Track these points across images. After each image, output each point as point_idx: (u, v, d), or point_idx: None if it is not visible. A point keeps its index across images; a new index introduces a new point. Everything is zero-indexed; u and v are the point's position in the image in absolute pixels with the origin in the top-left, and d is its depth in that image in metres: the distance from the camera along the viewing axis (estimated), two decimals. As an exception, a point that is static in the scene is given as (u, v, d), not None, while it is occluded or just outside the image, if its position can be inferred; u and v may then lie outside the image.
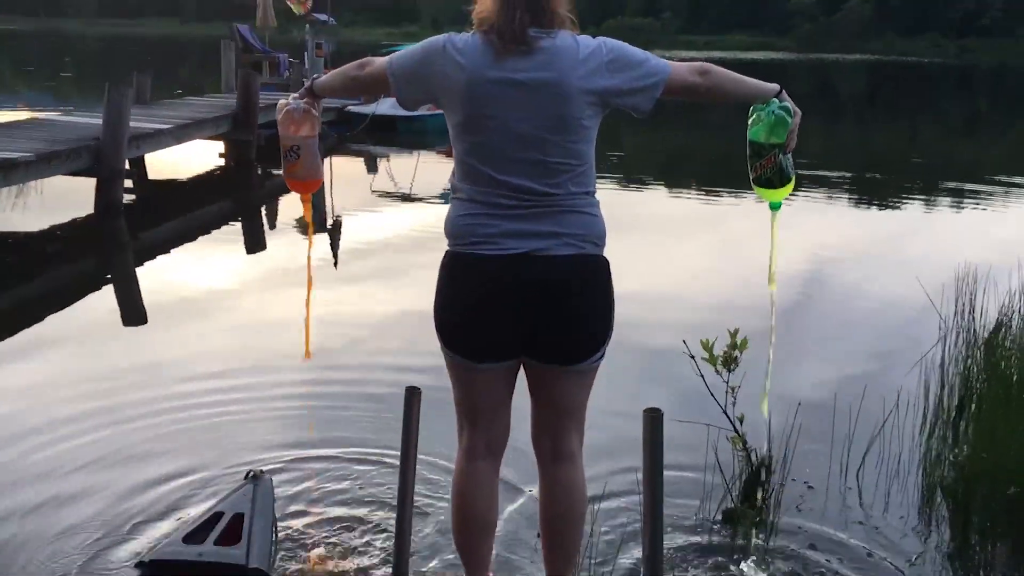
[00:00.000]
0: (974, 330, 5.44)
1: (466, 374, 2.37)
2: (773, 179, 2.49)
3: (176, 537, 2.22)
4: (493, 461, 2.46)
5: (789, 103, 2.45)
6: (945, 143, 20.85)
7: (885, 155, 15.97)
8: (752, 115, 2.49)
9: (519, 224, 2.25)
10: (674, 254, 8.41)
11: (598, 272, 2.32)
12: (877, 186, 13.65)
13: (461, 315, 2.31)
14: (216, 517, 2.26)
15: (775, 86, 2.46)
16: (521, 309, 2.25)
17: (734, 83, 2.38)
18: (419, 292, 6.52)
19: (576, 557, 2.55)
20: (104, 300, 6.85)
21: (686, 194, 12.89)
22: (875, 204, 12.20)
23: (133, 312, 6.56)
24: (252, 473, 2.41)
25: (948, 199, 12.71)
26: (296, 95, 2.62)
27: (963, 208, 11.92)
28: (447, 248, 2.35)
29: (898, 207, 12.02)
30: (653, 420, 2.63)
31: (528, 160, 2.24)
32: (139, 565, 2.15)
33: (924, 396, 4.57)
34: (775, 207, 2.59)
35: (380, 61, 2.40)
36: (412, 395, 2.67)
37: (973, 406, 4.42)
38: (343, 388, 4.87)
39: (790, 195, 2.64)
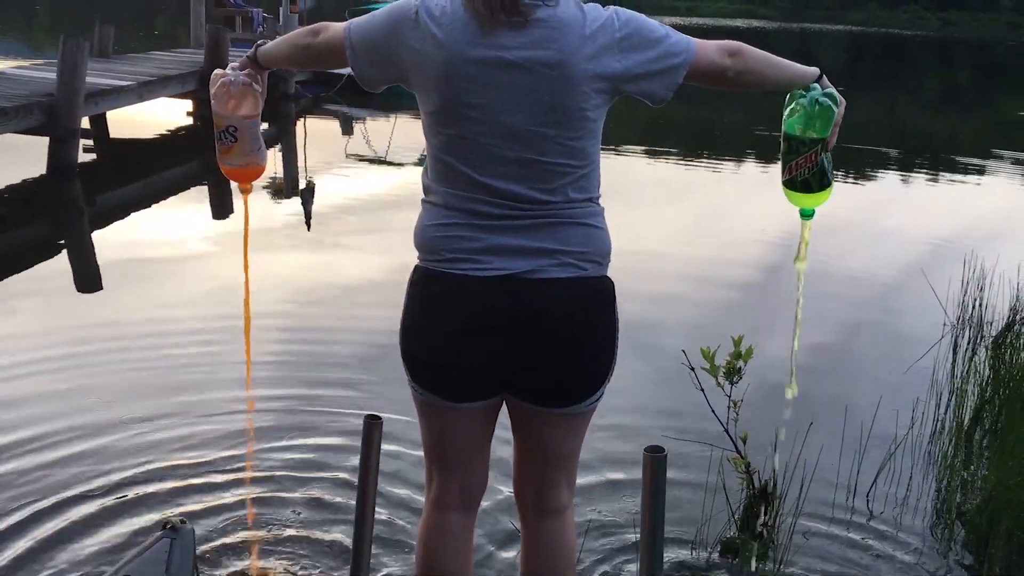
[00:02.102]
0: (983, 329, 5.13)
1: (438, 415, 1.96)
2: (811, 181, 2.08)
3: (73, 611, 1.82)
4: (467, 514, 2.05)
5: (832, 90, 2.04)
6: (926, 117, 20.61)
7: (868, 128, 15.67)
8: (789, 104, 2.08)
9: (507, 238, 1.82)
10: (660, 226, 8.04)
11: (601, 298, 1.89)
12: (864, 160, 13.32)
13: (434, 348, 1.89)
14: (121, 584, 1.87)
15: (814, 70, 2.05)
16: (508, 342, 1.83)
17: (769, 66, 1.96)
18: (394, 257, 6.28)
19: (562, 626, 2.17)
20: (56, 267, 6.47)
21: (665, 161, 12.55)
22: (862, 179, 11.87)
23: (87, 279, 6.23)
24: (170, 524, 1.99)
25: (940, 176, 12.41)
26: (236, 65, 2.18)
27: (957, 184, 11.65)
28: (416, 262, 1.92)
29: (887, 182, 11.71)
30: (655, 462, 2.24)
31: (519, 160, 1.80)
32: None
33: (936, 406, 4.22)
34: (807, 215, 2.18)
35: (337, 28, 1.95)
36: (371, 427, 2.27)
37: (987, 418, 4.09)
38: (304, 360, 4.64)
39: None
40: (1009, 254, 6.04)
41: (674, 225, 8.31)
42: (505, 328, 1.82)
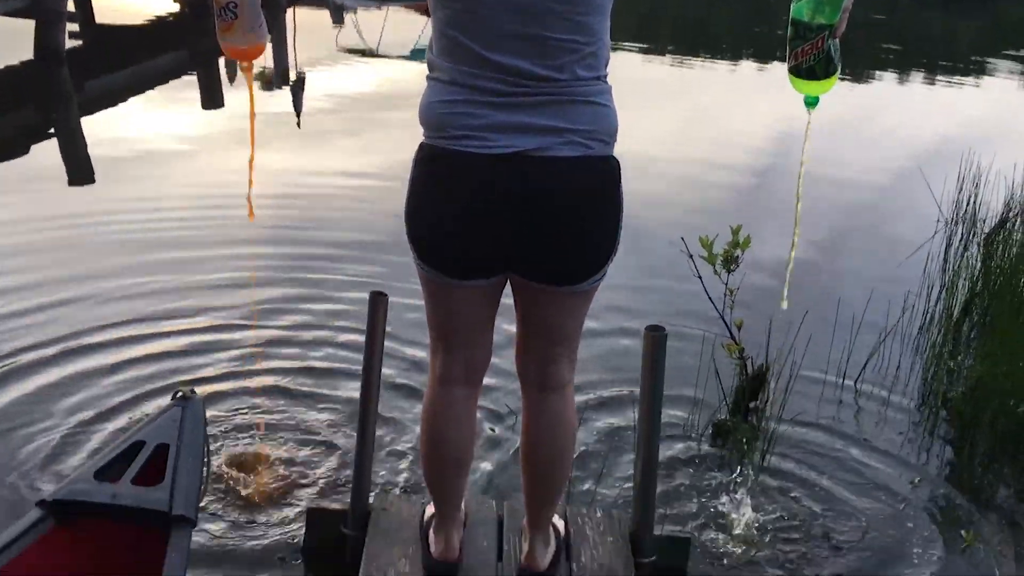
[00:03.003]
0: (977, 225, 5.16)
1: (443, 292, 1.97)
2: (816, 69, 2.06)
3: (87, 472, 1.85)
4: (471, 389, 2.09)
5: (844, -28, 2.00)
6: (924, 18, 20.29)
7: (869, 29, 15.43)
8: None
9: (513, 116, 1.80)
10: (655, 125, 7.98)
11: (607, 178, 1.89)
12: (862, 58, 13.17)
13: (440, 226, 1.89)
14: (135, 448, 1.90)
15: None
16: (513, 220, 1.84)
17: None
18: (386, 152, 6.26)
19: (560, 496, 2.23)
20: (47, 156, 6.41)
21: (660, 60, 12.40)
22: (860, 80, 11.75)
23: (79, 169, 6.16)
24: (181, 393, 2.03)
25: (937, 76, 12.30)
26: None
27: (955, 86, 11.56)
28: (422, 140, 1.91)
29: (885, 83, 11.61)
30: (655, 340, 2.30)
31: (525, 36, 1.77)
32: (41, 504, 1.79)
33: (926, 299, 4.28)
34: (811, 103, 2.15)
35: None
36: (377, 301, 2.31)
37: (976, 312, 4.15)
38: (302, 254, 4.60)
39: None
40: (1006, 152, 6.04)
41: (670, 124, 8.25)
42: (511, 206, 1.82)
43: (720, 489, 2.92)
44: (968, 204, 5.39)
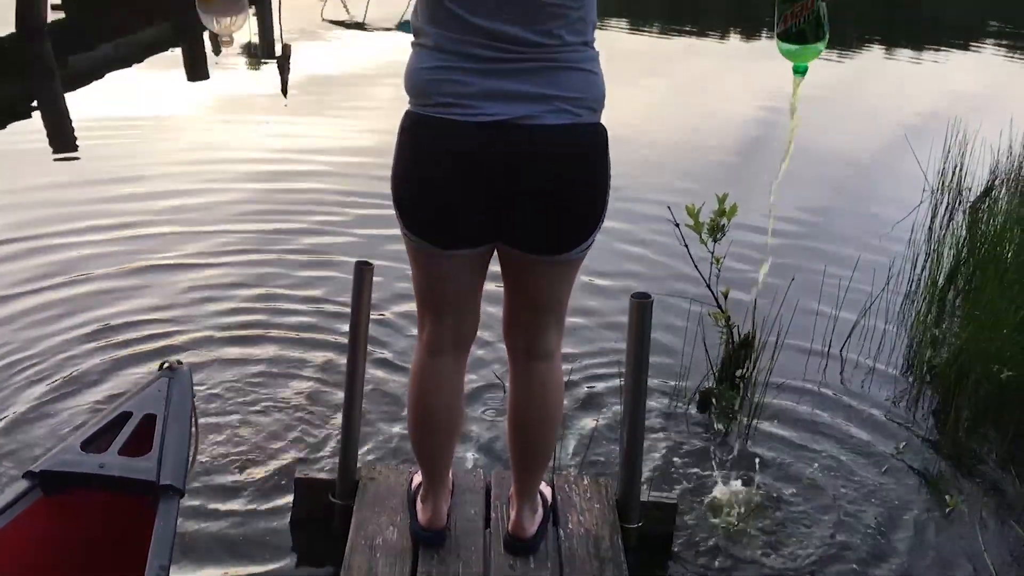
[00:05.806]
0: (962, 194, 5.18)
1: (430, 262, 1.96)
2: (806, 32, 2.03)
3: (73, 443, 1.85)
4: (458, 356, 2.09)
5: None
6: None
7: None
8: None
9: (500, 82, 1.79)
10: (642, 96, 7.95)
11: (596, 146, 1.87)
12: (849, 33, 13.14)
13: (426, 195, 1.88)
14: (122, 419, 1.90)
15: None
16: (499, 189, 1.83)
17: None
18: (373, 126, 6.24)
19: (547, 464, 2.24)
20: (30, 129, 6.37)
21: (648, 33, 12.34)
22: (847, 52, 11.73)
23: (62, 141, 6.12)
24: (167, 364, 2.03)
25: (926, 49, 12.28)
26: None
27: (941, 58, 11.55)
28: (408, 108, 1.90)
29: (871, 56, 11.59)
30: (641, 308, 2.31)
31: (513, 0, 1.77)
32: (28, 475, 1.79)
33: (912, 267, 4.30)
34: (800, 71, 2.12)
35: None
36: (363, 271, 2.30)
37: (961, 281, 4.18)
38: (286, 227, 4.55)
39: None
40: (992, 122, 6.05)
41: (656, 96, 8.23)
42: (497, 175, 1.81)
43: (706, 456, 2.94)
44: (954, 173, 5.41)
